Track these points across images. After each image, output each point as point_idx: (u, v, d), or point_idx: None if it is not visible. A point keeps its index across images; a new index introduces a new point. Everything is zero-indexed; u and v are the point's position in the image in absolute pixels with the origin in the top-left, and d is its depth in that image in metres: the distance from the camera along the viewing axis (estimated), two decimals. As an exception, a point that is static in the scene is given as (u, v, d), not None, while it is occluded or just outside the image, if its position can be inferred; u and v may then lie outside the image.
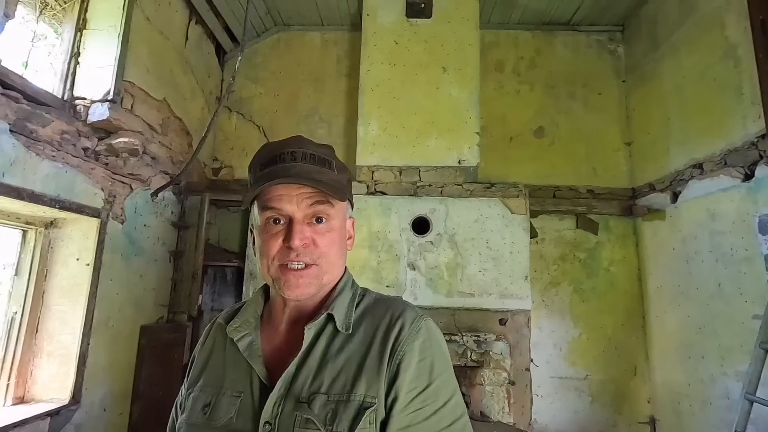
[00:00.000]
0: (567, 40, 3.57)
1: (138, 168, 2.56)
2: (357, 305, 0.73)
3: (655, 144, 3.06)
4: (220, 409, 0.66)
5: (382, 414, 0.61)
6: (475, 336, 2.68)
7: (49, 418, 1.96)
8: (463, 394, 2.67)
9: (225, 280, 3.32)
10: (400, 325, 0.67)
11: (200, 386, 0.71)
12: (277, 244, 0.69)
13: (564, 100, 3.49)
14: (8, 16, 1.75)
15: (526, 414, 2.67)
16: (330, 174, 0.72)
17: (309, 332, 0.68)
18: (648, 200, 3.05)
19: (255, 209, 0.73)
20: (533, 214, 3.12)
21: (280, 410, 0.62)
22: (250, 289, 3.07)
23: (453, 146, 3.02)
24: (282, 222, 0.69)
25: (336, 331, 0.69)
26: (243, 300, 0.85)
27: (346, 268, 0.78)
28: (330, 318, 0.70)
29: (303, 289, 0.68)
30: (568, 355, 3.13)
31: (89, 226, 2.24)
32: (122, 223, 2.46)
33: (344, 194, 0.72)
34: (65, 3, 2.36)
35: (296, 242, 0.67)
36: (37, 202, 1.87)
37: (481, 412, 2.58)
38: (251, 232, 0.77)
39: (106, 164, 2.34)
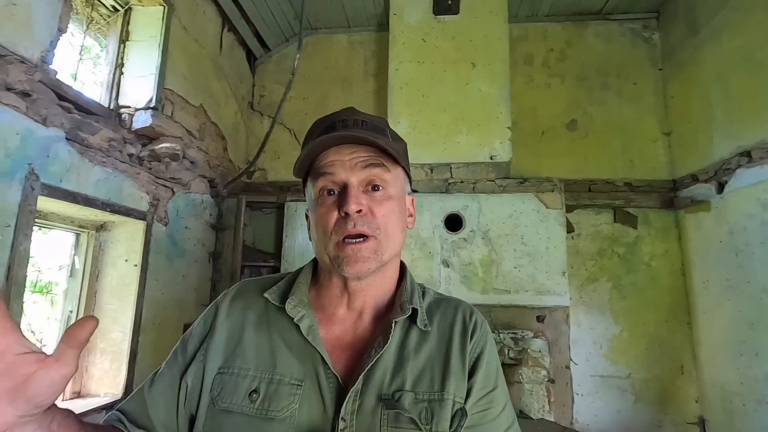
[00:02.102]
0: (599, 29, 3.48)
1: (179, 172, 2.66)
2: (422, 299, 0.71)
3: (696, 133, 2.94)
4: (277, 399, 0.59)
5: (467, 416, 0.61)
6: (512, 333, 2.64)
7: (104, 411, 2.06)
8: (501, 392, 2.65)
9: (261, 280, 3.39)
10: (474, 325, 0.68)
11: (237, 366, 0.62)
12: (333, 215, 0.62)
13: (597, 91, 3.40)
14: (61, 30, 1.85)
15: (567, 413, 2.61)
16: (384, 139, 0.66)
17: (395, 326, 0.64)
18: (690, 191, 2.93)
19: (309, 187, 0.68)
20: (568, 209, 3.05)
21: (356, 406, 0.58)
22: (285, 289, 3.13)
23: (484, 142, 2.99)
24: (336, 192, 0.64)
25: (410, 323, 0.66)
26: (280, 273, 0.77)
27: (403, 263, 0.74)
28: (412, 312, 0.66)
29: (363, 264, 0.61)
30: (609, 352, 3.04)
31: (136, 228, 2.34)
32: (165, 226, 2.55)
33: (401, 158, 0.67)
34: (109, 17, 2.48)
35: (352, 206, 0.60)
36: (90, 206, 1.97)
37: (520, 410, 2.54)
38: (307, 217, 0.72)
39: (150, 169, 2.44)
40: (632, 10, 3.42)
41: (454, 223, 2.88)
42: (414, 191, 2.89)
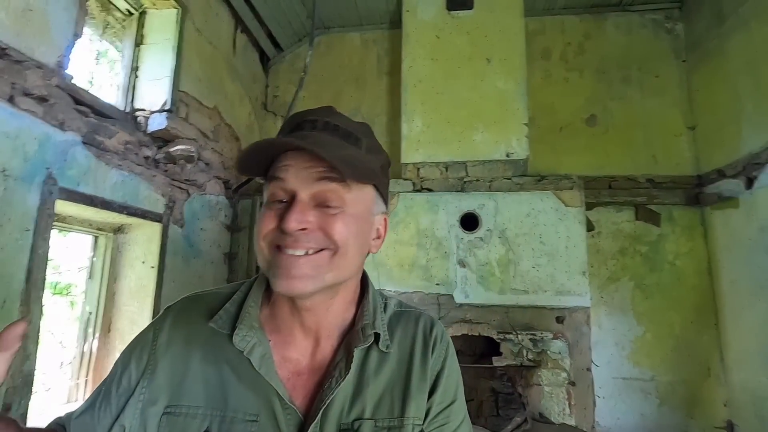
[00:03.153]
0: (619, 21, 3.38)
1: (194, 174, 2.67)
2: (384, 312, 0.67)
3: (723, 126, 2.83)
4: None
5: None
6: (531, 334, 2.58)
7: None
8: (519, 395, 2.59)
9: (276, 281, 3.40)
10: (434, 339, 0.65)
11: (184, 405, 0.57)
12: (272, 221, 0.55)
13: (617, 85, 3.29)
14: (77, 35, 1.87)
15: (588, 416, 2.54)
16: (352, 151, 0.57)
17: (358, 354, 0.60)
18: (717, 187, 2.82)
19: (264, 186, 0.61)
20: (588, 207, 2.97)
21: None
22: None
23: (500, 139, 2.93)
24: (285, 201, 0.56)
25: (370, 346, 0.62)
26: (221, 286, 0.69)
27: (365, 276, 0.67)
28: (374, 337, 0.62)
29: (299, 281, 0.53)
30: (632, 354, 2.95)
31: (153, 230, 2.36)
32: (181, 227, 2.57)
33: (366, 176, 0.57)
34: (124, 21, 2.50)
35: (291, 224, 0.52)
36: (107, 209, 1.99)
37: (539, 413, 2.49)
38: None
39: (165, 171, 2.45)
40: (654, 0, 3.30)
41: (470, 222, 2.83)
42: (429, 190, 2.84)
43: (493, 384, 2.82)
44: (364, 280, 0.67)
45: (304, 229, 0.53)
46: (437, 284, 2.75)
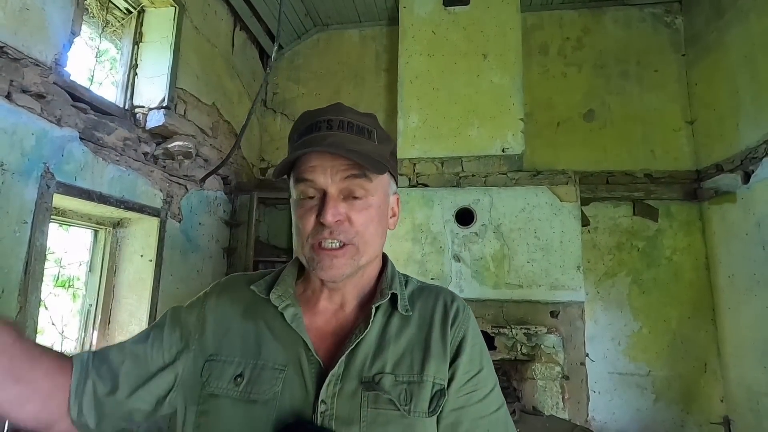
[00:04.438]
0: (617, 15, 3.36)
1: (192, 169, 2.71)
2: (405, 287, 0.73)
3: (722, 121, 2.81)
4: (260, 382, 0.61)
5: (446, 396, 0.62)
6: (525, 329, 2.59)
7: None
8: (514, 389, 2.60)
9: (275, 276, 3.44)
10: (455, 310, 0.69)
11: (224, 354, 0.65)
12: (310, 221, 0.63)
13: (616, 79, 3.28)
14: (74, 33, 1.91)
15: (582, 410, 2.55)
16: (368, 145, 0.66)
17: (378, 312, 0.66)
18: (715, 182, 2.80)
19: (291, 185, 0.68)
20: (584, 202, 2.97)
21: (337, 389, 0.60)
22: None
23: (496, 134, 2.93)
24: (316, 196, 0.64)
25: (391, 310, 0.68)
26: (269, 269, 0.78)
27: (385, 254, 0.75)
28: (390, 298, 0.68)
29: (337, 270, 0.63)
30: (628, 349, 2.94)
31: (151, 225, 2.41)
32: (179, 222, 2.62)
33: (383, 167, 0.65)
34: (123, 19, 2.54)
35: (329, 218, 0.61)
36: (105, 203, 2.04)
37: (533, 406, 2.50)
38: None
39: (164, 167, 2.50)
40: (653, -7, 3.28)
41: (465, 217, 2.84)
42: (424, 185, 2.86)
43: (488, 378, 2.84)
44: (384, 258, 0.76)
45: (337, 221, 0.62)
46: (432, 278, 2.76)
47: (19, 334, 0.61)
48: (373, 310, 0.65)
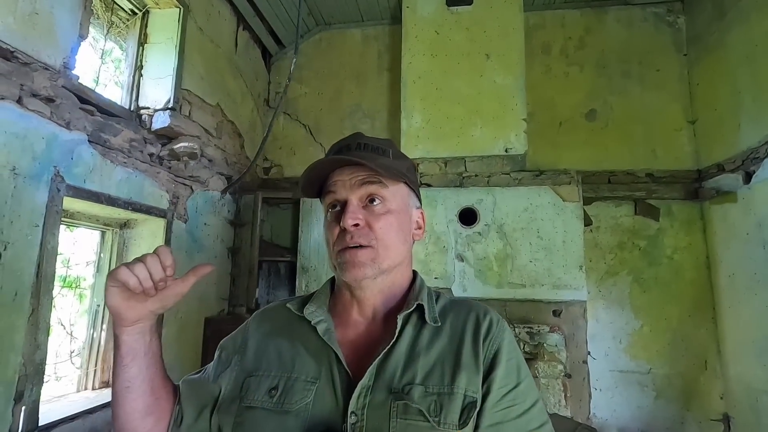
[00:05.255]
0: (620, 15, 3.36)
1: (197, 170, 2.73)
2: (435, 302, 0.74)
3: (723, 121, 2.82)
4: (292, 394, 0.64)
5: (477, 408, 0.61)
6: (528, 327, 2.62)
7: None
8: (517, 387, 2.64)
9: (279, 275, 3.47)
10: (488, 323, 0.69)
11: (262, 370, 0.69)
12: (335, 229, 0.69)
13: (618, 79, 3.29)
14: (82, 36, 1.92)
15: (584, 408, 2.58)
16: (383, 159, 0.72)
17: (401, 320, 0.67)
18: (716, 182, 2.82)
19: (322, 203, 0.75)
20: (587, 201, 2.99)
21: (367, 401, 0.60)
22: (302, 283, 3.20)
23: (499, 135, 2.95)
24: (338, 207, 0.71)
25: (422, 323, 0.69)
26: (299, 294, 0.86)
27: (416, 271, 0.79)
28: (418, 309, 0.70)
29: (360, 269, 0.66)
30: (629, 347, 2.98)
31: (157, 226, 2.43)
32: (185, 223, 2.64)
33: (397, 175, 0.71)
34: (128, 20, 2.55)
35: (348, 221, 0.67)
36: (113, 205, 2.06)
37: (536, 404, 2.53)
38: None
39: (169, 168, 2.51)
40: (655, -7, 3.29)
41: (468, 217, 2.87)
42: (427, 185, 2.88)
43: (490, 376, 2.87)
44: (415, 274, 0.79)
45: (356, 225, 0.67)
46: (435, 278, 2.79)
47: (161, 357, 0.71)
48: (399, 320, 0.67)
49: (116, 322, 0.64)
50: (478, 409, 0.61)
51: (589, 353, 2.70)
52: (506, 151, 2.92)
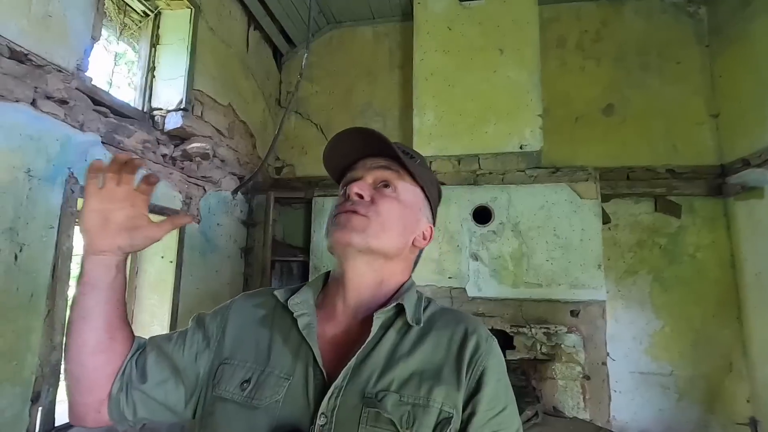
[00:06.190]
0: (638, 6, 3.27)
1: (209, 171, 2.73)
2: (424, 309, 0.70)
3: (748, 114, 2.72)
4: (264, 388, 0.61)
5: (457, 427, 0.59)
6: (545, 328, 2.56)
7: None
8: (533, 388, 2.58)
9: (291, 274, 3.46)
10: (476, 339, 0.65)
11: (237, 359, 0.66)
12: (339, 200, 0.71)
13: (636, 72, 3.20)
14: (95, 38, 1.93)
15: (603, 410, 2.52)
16: (406, 158, 0.72)
17: (378, 320, 0.64)
18: (741, 177, 2.72)
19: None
20: (605, 199, 2.91)
21: (338, 403, 0.58)
22: (315, 283, 3.18)
23: (513, 131, 2.89)
24: None
25: (407, 328, 0.66)
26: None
27: (411, 278, 0.76)
28: (400, 311, 0.66)
29: (347, 234, 0.66)
30: (650, 348, 2.89)
31: (170, 226, 2.43)
32: (198, 223, 2.64)
33: (415, 173, 0.71)
34: (140, 22, 2.56)
35: (354, 188, 0.68)
36: (126, 206, 2.06)
37: (553, 407, 2.48)
38: None
39: (182, 168, 2.52)
40: (675, -17, 3.19)
41: (482, 215, 2.81)
42: (441, 183, 2.85)
43: (506, 377, 2.82)
44: (409, 279, 0.76)
45: (360, 197, 0.67)
46: (449, 278, 2.75)
47: (125, 293, 0.69)
48: (376, 319, 0.64)
49: (85, 249, 0.64)
50: (456, 426, 0.58)
51: (608, 354, 2.63)
52: (521, 147, 2.86)
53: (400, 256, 0.71)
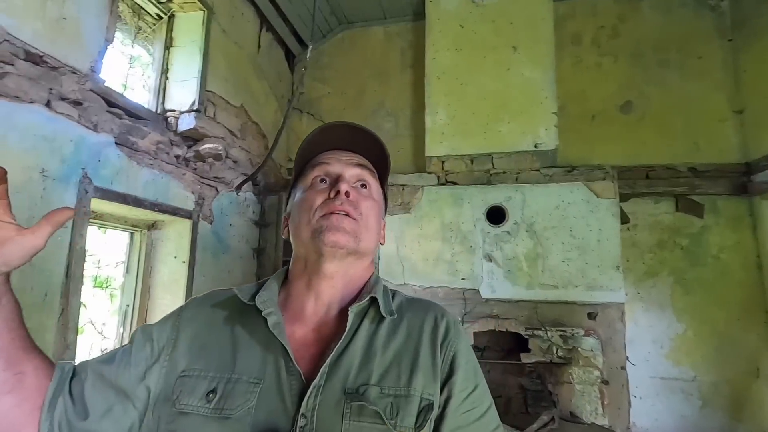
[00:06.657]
0: (656, 1, 3.18)
1: (222, 171, 2.74)
2: (392, 299, 0.71)
3: (774, 109, 2.62)
4: (233, 398, 0.57)
5: (436, 412, 0.59)
6: (561, 331, 2.50)
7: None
8: (549, 393, 2.52)
9: (303, 275, 3.45)
10: (446, 325, 0.67)
11: (197, 369, 0.61)
12: (322, 196, 0.67)
13: (655, 69, 3.11)
14: (108, 40, 1.95)
15: (623, 416, 2.44)
16: (380, 146, 0.74)
17: (353, 314, 0.63)
18: (767, 175, 2.62)
19: (301, 180, 0.73)
20: (623, 198, 2.84)
21: (318, 401, 0.56)
22: (326, 284, 3.17)
23: (527, 129, 2.83)
24: (328, 182, 0.70)
25: (379, 318, 0.66)
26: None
27: (375, 267, 0.77)
28: (372, 303, 0.67)
29: (341, 235, 0.64)
30: (671, 353, 2.80)
31: (183, 227, 2.45)
32: (211, 224, 2.65)
33: (385, 176, 0.76)
34: (154, 25, 2.59)
35: (344, 186, 0.66)
36: (139, 206, 2.08)
37: (570, 412, 2.41)
38: (285, 219, 0.75)
39: (195, 169, 2.53)
40: (696, -24, 3.09)
41: (496, 215, 2.76)
42: (454, 183, 2.80)
43: (521, 381, 2.76)
44: (373, 269, 0.77)
45: (348, 195, 0.66)
46: (463, 279, 2.71)
47: (22, 318, 0.58)
48: (351, 314, 0.63)
49: None
50: (435, 411, 0.59)
51: (627, 358, 2.55)
52: (536, 146, 2.81)
53: (373, 252, 0.74)
